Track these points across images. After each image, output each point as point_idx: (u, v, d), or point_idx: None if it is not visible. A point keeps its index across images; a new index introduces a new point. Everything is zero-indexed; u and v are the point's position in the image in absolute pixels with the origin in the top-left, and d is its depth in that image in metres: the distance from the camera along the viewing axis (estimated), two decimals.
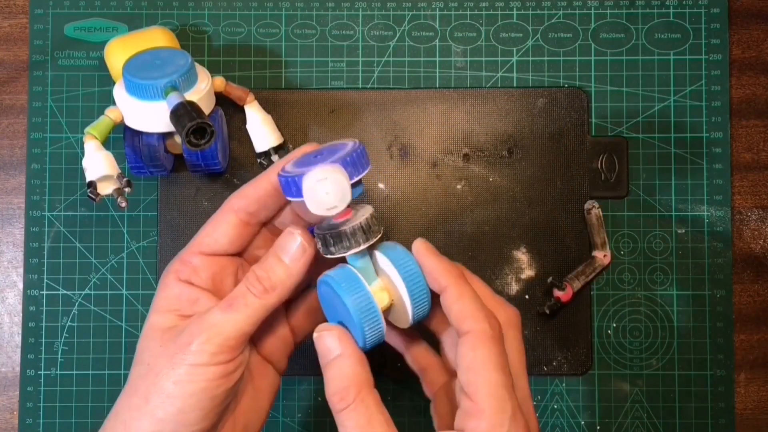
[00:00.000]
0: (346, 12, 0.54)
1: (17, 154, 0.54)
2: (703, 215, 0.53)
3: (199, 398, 0.37)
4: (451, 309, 0.37)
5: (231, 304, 0.38)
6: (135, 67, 0.46)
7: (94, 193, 0.44)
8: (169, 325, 0.39)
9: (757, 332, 0.53)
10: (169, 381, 0.37)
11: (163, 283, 0.40)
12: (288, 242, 0.39)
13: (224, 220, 0.40)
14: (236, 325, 0.38)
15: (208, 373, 0.37)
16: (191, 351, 0.37)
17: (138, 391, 0.38)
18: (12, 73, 0.54)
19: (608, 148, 0.53)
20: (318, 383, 0.52)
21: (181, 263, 0.40)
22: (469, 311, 0.37)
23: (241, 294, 0.38)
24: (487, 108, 0.53)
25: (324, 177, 0.36)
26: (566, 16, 0.54)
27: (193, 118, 0.41)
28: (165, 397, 0.37)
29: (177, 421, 0.37)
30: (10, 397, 0.52)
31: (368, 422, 0.36)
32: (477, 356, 0.36)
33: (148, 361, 0.38)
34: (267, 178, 0.40)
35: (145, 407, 0.37)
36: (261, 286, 0.38)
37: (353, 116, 0.53)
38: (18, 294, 0.53)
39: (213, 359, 0.37)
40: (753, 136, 0.54)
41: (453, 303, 0.37)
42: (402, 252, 0.39)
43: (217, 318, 0.37)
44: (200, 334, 0.37)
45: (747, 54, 0.54)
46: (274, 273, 0.39)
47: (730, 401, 0.52)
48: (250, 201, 0.40)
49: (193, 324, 0.38)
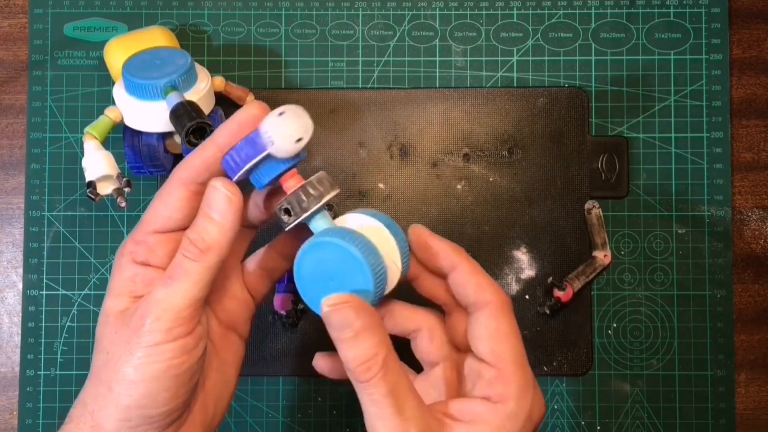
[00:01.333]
0: (346, 12, 0.54)
1: (17, 154, 0.54)
2: (704, 215, 0.53)
3: (162, 379, 0.35)
4: (469, 283, 0.38)
5: (171, 276, 0.36)
6: (135, 67, 0.46)
7: (94, 193, 0.44)
8: (121, 309, 0.37)
9: (758, 332, 0.53)
10: (129, 367, 0.35)
11: (117, 265, 0.38)
12: (213, 196, 0.37)
13: (174, 194, 0.38)
14: (184, 295, 0.36)
15: (167, 351, 0.35)
16: (144, 332, 0.35)
17: (101, 379, 0.36)
18: (11, 72, 0.54)
19: (608, 147, 0.53)
20: (318, 383, 0.52)
21: (135, 243, 0.38)
22: (488, 283, 0.37)
23: (179, 263, 0.36)
24: (487, 108, 0.53)
25: (283, 111, 0.35)
26: (566, 15, 0.54)
27: (192, 117, 0.41)
28: (128, 384, 0.35)
29: (144, 405, 0.36)
30: (10, 397, 0.52)
31: (395, 388, 0.35)
32: (501, 325, 0.36)
33: (107, 348, 0.37)
34: (213, 143, 0.37)
35: (109, 396, 0.36)
36: (196, 249, 0.36)
37: (353, 116, 0.53)
38: (17, 294, 0.53)
39: (168, 335, 0.35)
40: (753, 136, 0.54)
41: (470, 277, 0.38)
42: (378, 213, 0.38)
43: (161, 293, 0.36)
44: (150, 313, 0.35)
45: (747, 54, 0.54)
46: (206, 232, 0.37)
47: (731, 401, 0.52)
48: (199, 170, 0.37)
49: (141, 305, 0.36)
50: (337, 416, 0.52)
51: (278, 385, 0.53)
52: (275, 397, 0.52)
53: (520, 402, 0.36)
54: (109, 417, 0.36)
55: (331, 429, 0.52)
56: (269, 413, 0.52)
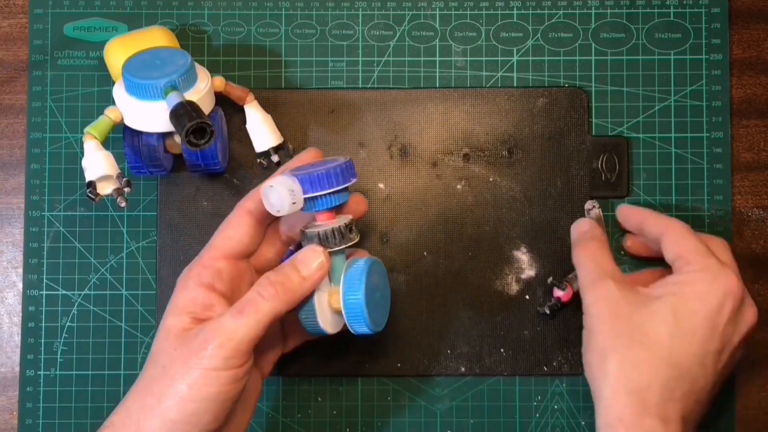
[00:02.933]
0: (346, 12, 0.54)
1: (17, 154, 0.54)
2: (704, 215, 0.53)
3: (212, 402, 0.38)
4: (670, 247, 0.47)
5: (241, 310, 0.39)
6: (135, 67, 0.46)
7: (94, 193, 0.44)
8: (182, 327, 0.40)
9: (758, 332, 0.53)
10: (183, 384, 0.38)
11: (182, 285, 0.42)
12: (309, 256, 0.42)
13: (242, 222, 0.43)
14: (248, 330, 0.39)
15: (221, 377, 0.38)
16: (206, 356, 0.38)
17: (152, 392, 0.39)
18: (11, 72, 0.54)
19: (609, 147, 0.53)
20: (318, 383, 0.52)
21: (202, 267, 0.42)
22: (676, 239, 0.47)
23: (252, 299, 0.40)
24: (487, 108, 0.53)
25: (271, 185, 0.41)
26: (566, 15, 0.54)
27: (192, 118, 0.41)
28: (179, 400, 0.38)
29: (189, 422, 0.38)
30: (10, 397, 0.52)
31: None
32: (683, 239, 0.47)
33: (162, 363, 0.39)
34: None
35: (158, 408, 0.38)
36: (273, 291, 0.40)
37: (353, 116, 0.53)
38: (17, 294, 0.53)
39: (226, 364, 0.38)
40: (753, 136, 0.54)
41: (673, 244, 0.47)
42: (358, 275, 0.43)
43: (228, 323, 0.39)
44: (214, 339, 0.38)
45: (747, 54, 0.54)
46: (288, 280, 0.41)
47: (731, 401, 0.52)
48: (262, 205, 0.42)
49: (207, 329, 0.39)
50: (337, 416, 0.52)
51: (278, 385, 0.53)
52: (275, 397, 0.52)
53: (706, 278, 0.44)
54: (153, 428, 0.38)
55: (331, 429, 0.52)
56: (269, 413, 0.52)
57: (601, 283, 0.45)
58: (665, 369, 0.42)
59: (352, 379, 0.53)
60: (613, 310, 0.44)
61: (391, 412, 0.52)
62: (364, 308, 0.43)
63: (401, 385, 0.53)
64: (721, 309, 0.43)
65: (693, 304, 0.43)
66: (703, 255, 0.45)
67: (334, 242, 0.43)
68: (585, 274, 0.47)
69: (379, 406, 0.52)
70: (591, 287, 0.46)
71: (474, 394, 0.52)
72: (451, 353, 0.52)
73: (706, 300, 0.43)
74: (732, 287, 0.44)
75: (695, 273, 0.44)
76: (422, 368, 0.52)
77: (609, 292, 0.45)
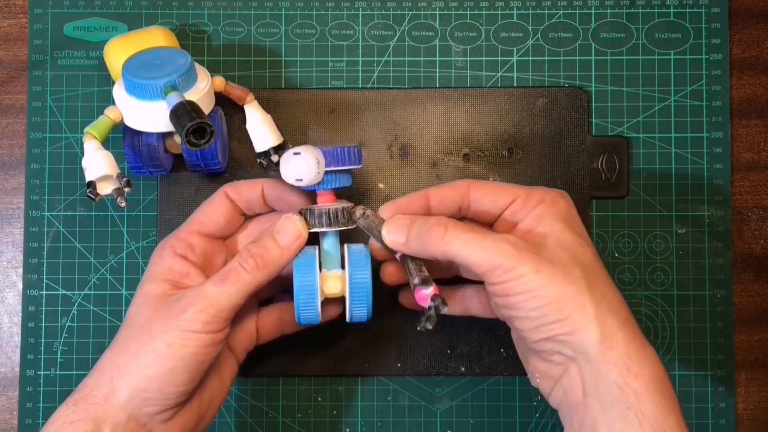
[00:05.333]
0: (346, 12, 0.54)
1: (17, 154, 0.54)
2: (704, 215, 0.53)
3: (188, 362, 0.40)
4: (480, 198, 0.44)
5: (224, 279, 0.41)
6: (134, 67, 0.46)
7: (94, 193, 0.44)
8: (161, 293, 0.42)
9: (758, 332, 0.53)
10: (162, 342, 0.39)
11: (158, 255, 0.44)
12: (287, 226, 0.43)
13: (221, 204, 0.45)
14: (228, 298, 0.40)
15: (199, 339, 0.40)
16: (185, 318, 0.40)
17: (128, 350, 0.40)
18: (11, 72, 0.54)
19: (608, 147, 0.53)
20: (318, 383, 0.52)
21: (177, 239, 0.44)
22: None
23: (234, 269, 0.41)
24: (487, 108, 0.53)
25: (298, 152, 0.42)
26: (566, 15, 0.54)
27: (192, 118, 0.41)
28: (156, 357, 0.39)
29: (164, 380, 0.39)
30: (10, 397, 0.52)
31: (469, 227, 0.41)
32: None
33: (140, 323, 0.41)
34: (261, 184, 0.46)
35: (134, 365, 0.39)
36: (254, 262, 0.41)
37: (353, 116, 0.53)
38: (17, 294, 0.53)
39: (205, 328, 0.40)
40: (753, 136, 0.54)
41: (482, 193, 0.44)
42: (363, 256, 0.43)
43: (210, 290, 0.40)
44: (195, 304, 0.40)
45: (747, 54, 0.54)
46: (267, 252, 0.42)
47: (731, 401, 0.52)
48: (242, 198, 0.46)
49: (188, 294, 0.41)
50: (337, 416, 0.52)
51: (278, 385, 0.53)
52: (275, 397, 0.52)
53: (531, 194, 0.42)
54: (127, 384, 0.39)
55: (331, 429, 0.52)
56: (269, 413, 0.52)
57: (505, 245, 0.39)
58: (598, 285, 0.40)
59: (352, 379, 0.53)
60: (535, 254, 0.39)
61: (391, 412, 0.52)
62: (370, 289, 0.43)
63: (401, 385, 0.53)
64: (569, 208, 0.42)
65: (559, 224, 0.41)
66: (519, 190, 0.43)
67: (343, 221, 0.43)
68: (476, 252, 0.39)
69: (379, 406, 0.52)
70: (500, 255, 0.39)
71: (474, 394, 0.52)
72: (451, 353, 0.52)
73: (561, 211, 0.42)
74: (551, 192, 0.43)
75: (538, 206, 0.42)
76: (422, 368, 0.52)
77: (517, 245, 0.39)
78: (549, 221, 0.41)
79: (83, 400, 0.39)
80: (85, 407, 0.39)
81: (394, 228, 0.42)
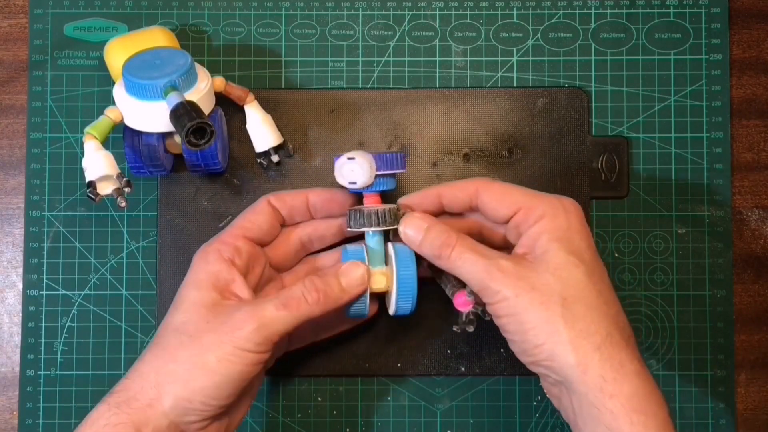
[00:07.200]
0: (346, 12, 0.54)
1: (17, 154, 0.54)
2: (704, 215, 0.53)
3: (235, 378, 0.40)
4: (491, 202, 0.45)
5: (286, 305, 0.41)
6: (135, 67, 0.46)
7: (94, 193, 0.44)
8: (212, 302, 0.42)
9: (758, 332, 0.53)
10: (213, 356, 0.40)
11: (203, 260, 0.43)
12: (354, 272, 0.44)
13: (264, 210, 0.46)
14: (285, 324, 0.41)
15: (248, 357, 0.40)
16: (240, 336, 0.40)
17: (177, 358, 0.40)
18: (11, 72, 0.54)
19: (608, 148, 0.53)
20: (318, 383, 0.52)
21: (222, 243, 0.44)
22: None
23: (297, 297, 0.42)
24: (487, 108, 0.53)
25: (353, 157, 0.44)
26: (566, 15, 0.54)
27: (192, 118, 0.41)
28: (206, 370, 0.40)
29: (209, 394, 0.40)
30: (10, 397, 0.52)
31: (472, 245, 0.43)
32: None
33: (191, 332, 0.41)
34: (305, 193, 0.47)
35: (182, 375, 0.40)
36: (317, 296, 0.42)
37: (353, 116, 0.53)
38: (17, 294, 0.53)
39: (257, 348, 0.40)
40: (753, 136, 0.54)
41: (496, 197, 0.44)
42: (408, 253, 0.44)
43: (270, 313, 0.41)
44: (252, 323, 0.40)
45: (747, 54, 0.54)
46: (331, 289, 0.43)
47: (731, 401, 0.52)
48: (285, 206, 0.47)
49: (243, 310, 0.41)
50: (337, 416, 0.52)
51: (278, 385, 0.53)
52: (275, 397, 0.52)
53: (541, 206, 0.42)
54: (173, 393, 0.40)
55: (331, 429, 0.52)
56: (269, 413, 0.52)
57: (501, 261, 0.41)
58: (594, 306, 0.40)
59: (352, 379, 0.53)
60: (522, 278, 0.41)
61: (391, 412, 0.52)
62: (416, 285, 0.44)
63: (401, 385, 0.53)
64: (570, 222, 0.42)
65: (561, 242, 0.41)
66: (523, 199, 0.43)
67: (390, 221, 0.45)
68: (473, 269, 0.41)
69: (379, 406, 0.52)
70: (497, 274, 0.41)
71: (474, 394, 0.52)
72: (451, 353, 0.52)
73: (560, 228, 0.42)
74: (554, 203, 0.43)
75: (542, 219, 0.42)
76: (422, 368, 0.52)
77: (507, 268, 0.41)
78: (544, 240, 0.42)
79: (126, 404, 0.40)
80: (127, 411, 0.39)
81: (412, 226, 0.44)
